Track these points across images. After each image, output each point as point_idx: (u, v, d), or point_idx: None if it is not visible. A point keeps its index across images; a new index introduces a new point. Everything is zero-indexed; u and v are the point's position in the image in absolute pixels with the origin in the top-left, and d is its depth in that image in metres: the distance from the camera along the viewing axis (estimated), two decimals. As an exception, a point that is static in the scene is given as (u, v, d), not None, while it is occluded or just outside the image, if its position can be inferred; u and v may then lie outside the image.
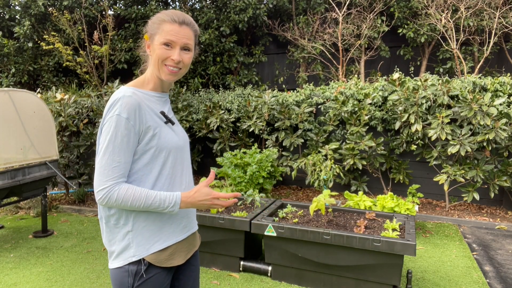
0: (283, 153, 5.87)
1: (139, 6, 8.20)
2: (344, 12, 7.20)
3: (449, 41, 6.54)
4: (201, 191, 1.34)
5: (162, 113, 1.37)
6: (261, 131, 5.77)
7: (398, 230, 2.98)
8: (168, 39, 1.30)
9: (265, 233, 3.06)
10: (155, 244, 1.34)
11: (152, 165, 1.33)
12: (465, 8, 6.57)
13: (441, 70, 7.54)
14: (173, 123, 1.39)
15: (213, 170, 1.35)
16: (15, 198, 5.02)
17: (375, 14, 7.42)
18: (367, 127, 5.38)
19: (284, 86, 8.78)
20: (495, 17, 6.44)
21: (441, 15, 6.63)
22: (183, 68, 1.35)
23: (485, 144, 4.53)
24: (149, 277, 1.34)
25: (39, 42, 8.06)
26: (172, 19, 1.31)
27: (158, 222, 1.35)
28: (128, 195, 1.25)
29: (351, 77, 6.95)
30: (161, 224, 1.36)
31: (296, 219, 3.24)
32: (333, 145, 5.20)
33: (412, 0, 7.24)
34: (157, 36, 1.31)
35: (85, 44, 7.50)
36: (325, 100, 5.69)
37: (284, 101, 5.75)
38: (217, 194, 1.35)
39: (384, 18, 7.56)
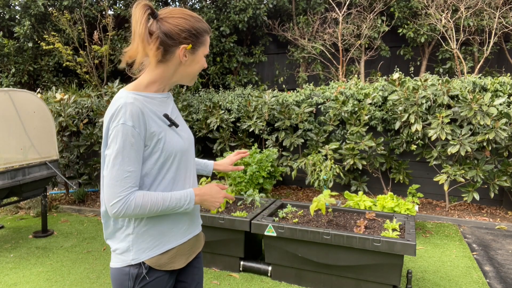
0: (283, 153, 5.87)
1: (139, 6, 8.18)
2: (344, 12, 7.20)
3: (449, 41, 6.54)
4: (213, 188, 1.45)
5: (166, 115, 1.34)
6: (261, 131, 5.77)
7: (398, 230, 2.98)
8: (208, 51, 1.40)
9: (265, 233, 3.06)
10: (155, 249, 1.33)
11: (155, 169, 1.30)
12: (465, 8, 6.57)
13: (441, 70, 7.54)
14: (177, 126, 1.37)
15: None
16: (15, 198, 5.02)
17: (375, 14, 7.42)
18: (367, 127, 5.38)
19: (284, 86, 8.78)
20: (495, 17, 6.43)
21: (441, 15, 6.63)
22: None
23: (485, 144, 4.53)
24: (150, 281, 1.33)
25: (39, 42, 8.06)
26: (209, 31, 1.39)
27: (159, 226, 1.33)
28: (146, 201, 1.23)
29: (351, 77, 6.95)
30: (162, 229, 1.34)
31: (296, 219, 3.24)
32: (333, 145, 5.20)
33: (412, 0, 7.24)
34: (202, 48, 1.37)
35: (85, 44, 7.49)
36: (325, 100, 5.69)
37: (284, 101, 5.75)
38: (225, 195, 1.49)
39: (384, 18, 7.56)
